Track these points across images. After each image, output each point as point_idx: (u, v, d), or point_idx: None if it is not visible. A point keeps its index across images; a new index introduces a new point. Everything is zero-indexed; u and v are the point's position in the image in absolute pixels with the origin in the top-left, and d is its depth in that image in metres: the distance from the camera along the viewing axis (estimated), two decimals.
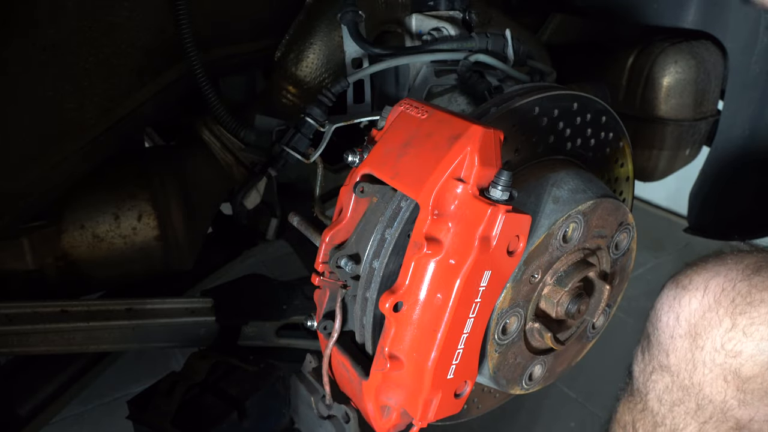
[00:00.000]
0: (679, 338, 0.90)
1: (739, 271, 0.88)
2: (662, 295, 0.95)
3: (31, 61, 0.95)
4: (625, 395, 1.02)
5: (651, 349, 0.96)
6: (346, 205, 0.84)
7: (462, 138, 0.72)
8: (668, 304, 0.93)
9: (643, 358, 0.98)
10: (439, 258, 0.72)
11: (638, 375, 0.98)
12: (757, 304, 0.84)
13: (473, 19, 1.15)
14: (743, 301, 0.85)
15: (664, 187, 2.66)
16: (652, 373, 0.95)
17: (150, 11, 1.06)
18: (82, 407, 1.95)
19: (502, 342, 0.85)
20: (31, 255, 1.22)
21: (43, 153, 1.02)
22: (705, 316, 0.88)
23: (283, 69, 1.29)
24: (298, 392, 0.99)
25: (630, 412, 1.00)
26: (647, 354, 0.96)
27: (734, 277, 0.87)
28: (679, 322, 0.91)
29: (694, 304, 0.89)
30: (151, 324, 1.24)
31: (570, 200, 0.85)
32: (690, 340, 0.89)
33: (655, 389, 0.95)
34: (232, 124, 1.26)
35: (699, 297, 0.89)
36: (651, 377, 0.95)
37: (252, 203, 1.28)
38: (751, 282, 0.86)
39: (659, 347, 0.94)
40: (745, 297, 0.85)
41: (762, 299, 0.84)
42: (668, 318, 0.92)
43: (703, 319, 0.88)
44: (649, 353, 0.96)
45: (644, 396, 0.97)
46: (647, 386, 0.96)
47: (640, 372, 0.98)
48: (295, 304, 1.36)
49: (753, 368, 0.84)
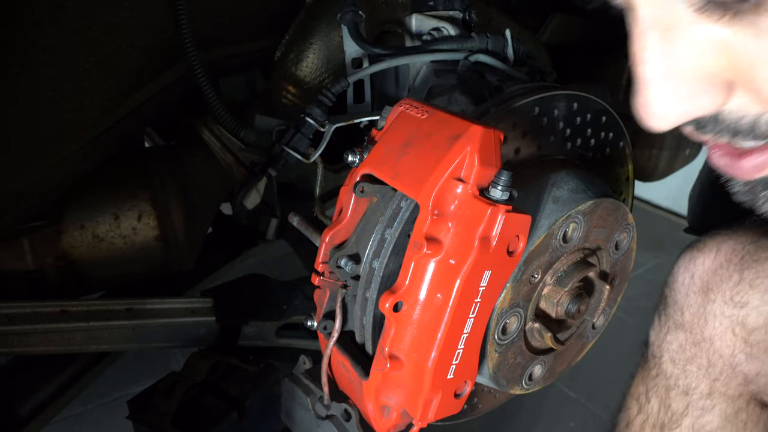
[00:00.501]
0: (693, 295, 0.96)
1: (749, 235, 0.94)
2: (679, 259, 1.00)
3: (31, 61, 0.95)
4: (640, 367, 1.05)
5: (667, 310, 1.00)
6: (346, 205, 0.84)
7: (462, 138, 0.72)
8: (684, 266, 0.98)
9: (659, 320, 1.02)
10: (439, 258, 0.72)
11: (654, 339, 1.03)
12: (763, 261, 0.90)
13: (473, 19, 1.15)
14: (750, 258, 0.91)
15: (664, 187, 2.66)
16: (667, 333, 1.00)
17: (150, 11, 1.06)
18: (82, 407, 1.95)
19: (502, 342, 0.85)
20: (31, 255, 1.22)
21: (43, 153, 1.02)
22: (717, 272, 0.93)
23: (283, 69, 1.29)
24: (293, 395, 0.99)
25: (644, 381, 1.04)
26: (663, 316, 1.01)
27: (744, 240, 0.94)
28: (693, 280, 0.96)
29: (707, 263, 0.95)
30: (151, 324, 1.24)
31: (570, 200, 0.85)
32: (703, 295, 0.94)
33: (669, 350, 0.99)
34: (232, 124, 1.26)
35: (712, 257, 0.95)
36: (666, 338, 1.00)
37: (252, 203, 1.28)
38: (758, 243, 0.92)
39: (675, 306, 0.99)
40: (752, 255, 0.91)
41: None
42: (684, 278, 0.97)
43: (714, 275, 0.93)
44: (665, 314, 1.01)
45: (658, 360, 1.01)
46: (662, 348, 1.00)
47: (656, 335, 1.02)
48: (295, 304, 1.36)
49: (758, 319, 0.89)
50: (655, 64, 0.50)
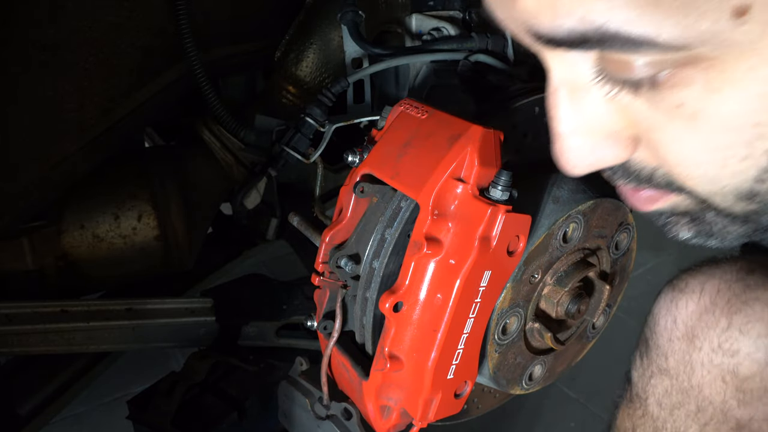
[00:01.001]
0: (677, 341, 0.91)
1: (734, 273, 0.88)
2: (659, 300, 0.95)
3: (31, 61, 0.95)
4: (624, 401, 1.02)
5: (649, 353, 0.96)
6: (346, 205, 0.84)
7: (462, 138, 0.72)
8: (665, 308, 0.93)
9: (641, 363, 0.98)
10: (439, 258, 0.72)
11: (637, 380, 0.99)
12: (752, 303, 0.84)
13: (473, 18, 1.15)
14: (738, 300, 0.85)
15: None
16: (651, 377, 0.95)
17: (150, 11, 1.06)
18: (82, 407, 1.95)
19: (502, 342, 0.85)
20: (31, 255, 1.22)
21: (43, 153, 1.02)
22: (702, 317, 0.88)
23: (283, 69, 1.29)
24: (291, 396, 0.98)
25: (630, 418, 1.00)
26: (646, 359, 0.97)
27: (729, 279, 0.87)
28: (676, 324, 0.91)
29: (690, 306, 0.89)
30: (151, 324, 1.24)
31: (570, 200, 0.85)
32: (687, 342, 0.89)
33: (654, 393, 0.95)
34: (232, 124, 1.26)
35: (695, 299, 0.89)
36: (650, 381, 0.95)
37: (252, 203, 1.28)
38: (745, 282, 0.86)
39: (657, 351, 0.94)
40: (740, 296, 0.85)
41: (757, 297, 0.84)
42: (666, 321, 0.92)
43: (699, 320, 0.88)
44: (647, 357, 0.96)
45: (644, 401, 0.97)
46: (647, 391, 0.96)
47: (639, 377, 0.98)
48: (295, 304, 1.36)
49: (751, 366, 0.84)
50: (565, 121, 0.55)
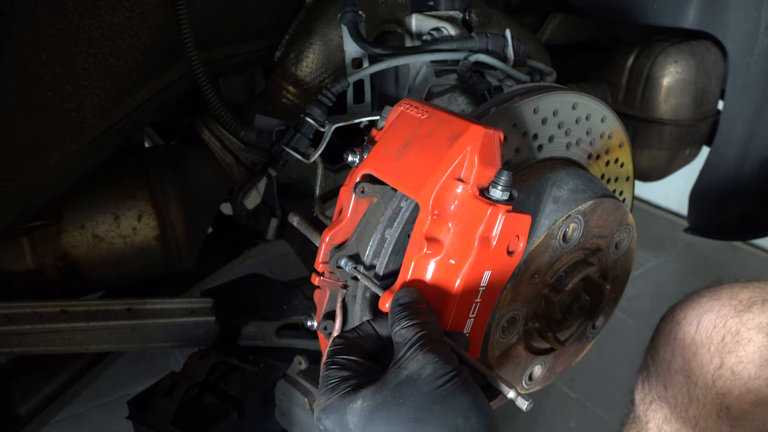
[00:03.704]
0: (675, 373, 0.94)
1: (732, 308, 0.90)
2: (659, 328, 0.99)
3: (31, 61, 0.95)
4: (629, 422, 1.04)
5: (650, 380, 0.99)
6: (346, 205, 0.84)
7: (462, 138, 0.72)
8: (665, 338, 0.96)
9: (643, 387, 1.01)
10: (439, 258, 0.72)
11: (639, 403, 1.02)
12: (745, 344, 0.87)
13: (473, 19, 1.15)
14: (732, 340, 0.88)
15: (664, 187, 2.67)
16: (651, 402, 0.99)
17: (150, 11, 1.06)
18: (82, 407, 1.95)
19: (502, 342, 0.85)
20: (31, 255, 1.22)
21: (43, 153, 1.02)
22: (697, 353, 0.91)
23: (283, 69, 1.29)
24: (289, 396, 0.98)
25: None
26: (647, 384, 1.00)
27: (726, 314, 0.90)
28: (674, 356, 0.94)
29: (687, 339, 0.92)
30: (151, 324, 1.24)
31: (570, 200, 0.85)
32: (684, 375, 0.92)
33: (654, 419, 0.98)
34: (232, 124, 1.26)
35: (692, 332, 0.92)
36: (651, 407, 0.99)
37: (252, 203, 1.28)
38: (741, 319, 0.88)
39: (657, 379, 0.97)
40: (734, 336, 0.88)
41: (750, 338, 0.87)
42: (665, 352, 0.96)
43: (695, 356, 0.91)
44: (648, 383, 1.00)
45: (645, 424, 1.00)
46: (647, 415, 1.00)
47: (641, 400, 1.01)
48: (295, 304, 1.36)
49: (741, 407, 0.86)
50: None
